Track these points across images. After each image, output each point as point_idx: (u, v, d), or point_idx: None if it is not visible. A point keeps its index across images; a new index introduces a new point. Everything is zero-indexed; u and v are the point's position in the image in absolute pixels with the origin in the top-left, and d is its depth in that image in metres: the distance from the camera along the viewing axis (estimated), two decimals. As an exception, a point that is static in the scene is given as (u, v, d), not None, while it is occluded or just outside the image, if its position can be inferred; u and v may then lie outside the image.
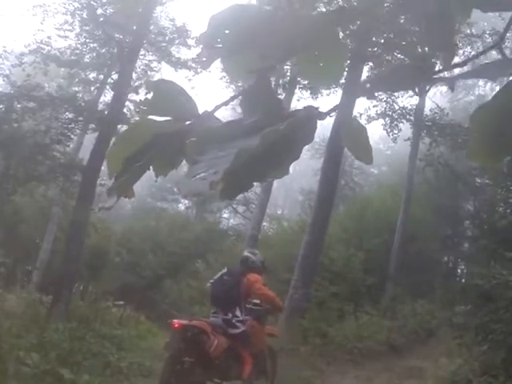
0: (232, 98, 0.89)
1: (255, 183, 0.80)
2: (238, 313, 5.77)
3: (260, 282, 5.85)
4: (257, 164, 0.69)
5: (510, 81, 0.76)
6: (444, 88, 22.84)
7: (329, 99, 16.75)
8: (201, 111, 0.86)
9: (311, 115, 0.70)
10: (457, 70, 0.97)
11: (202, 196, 0.69)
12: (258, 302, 5.90)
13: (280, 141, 0.69)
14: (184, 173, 0.71)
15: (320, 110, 0.74)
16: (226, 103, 0.87)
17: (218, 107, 0.87)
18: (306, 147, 0.80)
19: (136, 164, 0.81)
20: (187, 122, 0.85)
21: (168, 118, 0.89)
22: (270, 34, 0.80)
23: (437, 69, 0.83)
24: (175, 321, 5.63)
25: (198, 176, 0.65)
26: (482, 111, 0.81)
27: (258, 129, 0.68)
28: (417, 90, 16.27)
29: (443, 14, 0.79)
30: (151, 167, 0.89)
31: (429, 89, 16.69)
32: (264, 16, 0.85)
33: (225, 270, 6.14)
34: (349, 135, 0.85)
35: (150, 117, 0.90)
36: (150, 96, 0.89)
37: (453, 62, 0.86)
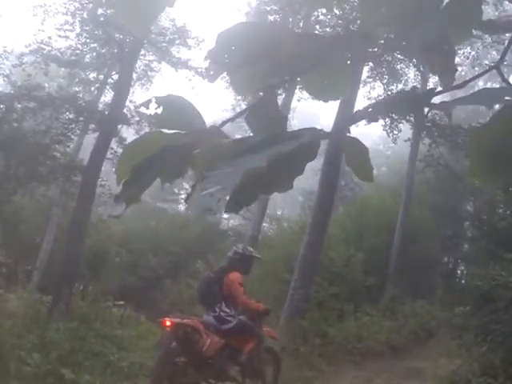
0: (239, 114, 0.91)
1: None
2: (225, 308, 5.61)
3: (236, 285, 5.60)
4: (262, 180, 0.71)
5: (505, 105, 0.78)
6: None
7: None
8: (208, 124, 0.89)
9: (315, 136, 0.72)
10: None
11: (210, 211, 0.71)
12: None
13: (285, 160, 0.72)
14: (190, 186, 0.72)
15: (323, 130, 0.77)
16: (232, 119, 0.89)
17: (224, 122, 0.89)
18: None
19: (144, 173, 0.83)
20: (195, 136, 0.87)
21: (176, 131, 0.90)
22: (276, 51, 0.82)
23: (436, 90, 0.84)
24: (167, 319, 5.39)
25: (206, 191, 0.67)
26: (480, 134, 0.83)
27: (264, 147, 0.71)
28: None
29: (443, 37, 0.81)
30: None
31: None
32: (270, 34, 0.86)
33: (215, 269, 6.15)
34: (352, 156, 0.87)
35: (159, 130, 0.92)
36: (159, 111, 0.92)
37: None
